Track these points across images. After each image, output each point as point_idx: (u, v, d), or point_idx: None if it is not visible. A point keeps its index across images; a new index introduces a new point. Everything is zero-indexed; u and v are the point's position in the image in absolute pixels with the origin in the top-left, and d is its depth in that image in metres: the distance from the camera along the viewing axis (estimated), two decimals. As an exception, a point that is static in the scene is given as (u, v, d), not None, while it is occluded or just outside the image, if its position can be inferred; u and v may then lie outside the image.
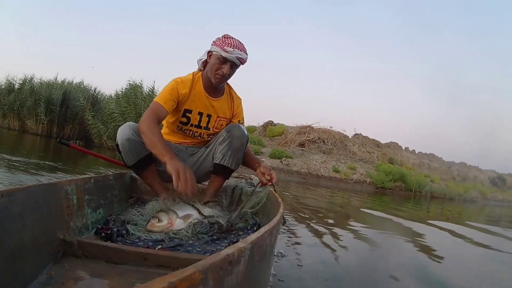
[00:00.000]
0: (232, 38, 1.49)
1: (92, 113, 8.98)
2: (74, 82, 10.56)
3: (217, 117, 1.62)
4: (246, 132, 1.52)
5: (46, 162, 3.99)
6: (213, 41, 1.50)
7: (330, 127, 12.44)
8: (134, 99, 8.45)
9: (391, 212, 4.56)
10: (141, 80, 8.90)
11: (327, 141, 11.51)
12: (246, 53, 1.50)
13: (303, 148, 10.82)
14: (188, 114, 1.55)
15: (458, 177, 16.27)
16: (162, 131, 1.67)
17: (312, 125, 12.23)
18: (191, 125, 1.58)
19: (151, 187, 1.52)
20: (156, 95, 9.72)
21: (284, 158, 9.27)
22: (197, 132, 1.61)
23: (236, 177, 2.16)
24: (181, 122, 1.57)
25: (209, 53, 1.52)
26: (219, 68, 1.48)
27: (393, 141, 14.87)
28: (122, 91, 8.87)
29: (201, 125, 1.59)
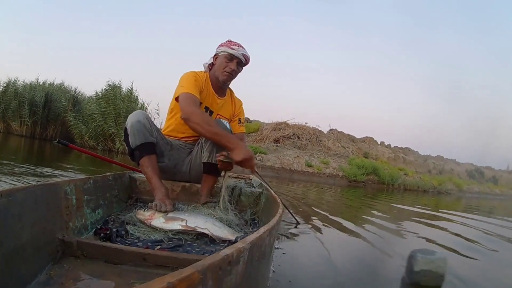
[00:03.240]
0: (236, 41, 1.64)
1: (74, 113, 9.24)
2: (55, 83, 10.89)
3: (217, 114, 1.70)
4: (229, 126, 1.54)
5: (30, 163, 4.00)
6: (219, 45, 1.64)
7: (305, 123, 12.70)
8: (113, 100, 8.69)
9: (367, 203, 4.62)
10: (120, 81, 9.15)
11: (302, 137, 11.74)
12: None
13: (277, 144, 11.00)
14: None
15: (434, 170, 16.39)
16: (164, 125, 1.71)
17: (287, 122, 12.42)
18: None
19: (149, 180, 1.44)
20: (134, 96, 9.89)
21: (258, 153, 9.46)
22: None
23: (235, 177, 2.16)
24: None
25: (215, 56, 1.65)
26: (226, 66, 1.61)
27: (368, 136, 15.11)
28: (101, 92, 9.09)
29: None
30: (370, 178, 9.85)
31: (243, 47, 1.62)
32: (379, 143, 15.47)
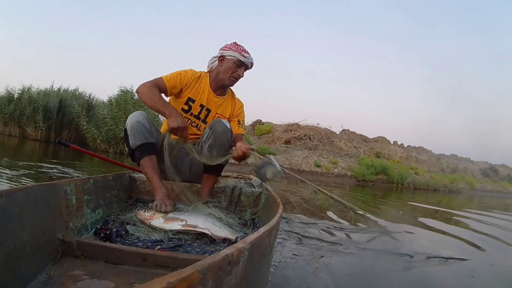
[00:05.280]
0: (242, 45, 1.64)
1: (86, 118, 9.56)
2: (70, 89, 11.22)
3: (216, 113, 1.70)
4: (229, 125, 1.53)
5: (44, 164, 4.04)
6: (226, 47, 1.64)
7: (317, 124, 12.66)
8: (124, 105, 8.93)
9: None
10: (131, 86, 9.37)
11: (313, 138, 11.72)
12: None
13: (288, 145, 10.99)
14: (190, 103, 1.65)
15: (447, 169, 16.21)
16: (163, 125, 1.72)
17: (299, 123, 12.42)
18: (191, 114, 1.66)
19: (149, 180, 1.44)
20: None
21: (267, 154, 9.44)
22: (195, 122, 1.68)
23: (235, 177, 2.16)
24: (183, 109, 1.65)
25: (221, 58, 1.64)
26: (234, 71, 1.62)
27: (381, 135, 14.99)
28: (114, 97, 9.36)
29: (200, 116, 1.68)
30: (379, 178, 9.76)
31: (250, 54, 1.63)
32: (392, 142, 15.31)
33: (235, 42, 1.65)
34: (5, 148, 6.75)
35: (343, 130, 13.47)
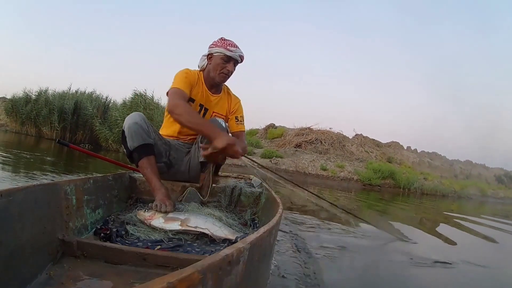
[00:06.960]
0: (230, 39, 1.62)
1: (100, 120, 9.89)
2: (86, 91, 11.66)
3: (213, 112, 1.71)
4: (224, 124, 1.54)
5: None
6: (213, 44, 1.62)
7: (330, 128, 12.71)
8: (136, 108, 9.16)
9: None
10: (145, 90, 9.66)
11: (325, 142, 11.74)
12: None
13: (297, 149, 11.00)
14: (190, 103, 1.64)
15: (461, 175, 16.14)
16: (162, 126, 1.74)
17: (311, 127, 12.47)
18: None
19: (149, 181, 1.43)
20: (155, 103, 10.43)
21: (274, 157, 9.60)
22: None
23: (235, 177, 2.16)
24: None
25: (209, 56, 1.63)
26: (223, 67, 1.60)
27: (394, 140, 14.92)
28: (128, 100, 9.71)
29: None
30: (386, 182, 9.69)
31: (238, 47, 1.61)
32: (405, 148, 15.23)
33: (222, 38, 1.64)
34: (22, 145, 7.03)
35: (356, 135, 13.47)
